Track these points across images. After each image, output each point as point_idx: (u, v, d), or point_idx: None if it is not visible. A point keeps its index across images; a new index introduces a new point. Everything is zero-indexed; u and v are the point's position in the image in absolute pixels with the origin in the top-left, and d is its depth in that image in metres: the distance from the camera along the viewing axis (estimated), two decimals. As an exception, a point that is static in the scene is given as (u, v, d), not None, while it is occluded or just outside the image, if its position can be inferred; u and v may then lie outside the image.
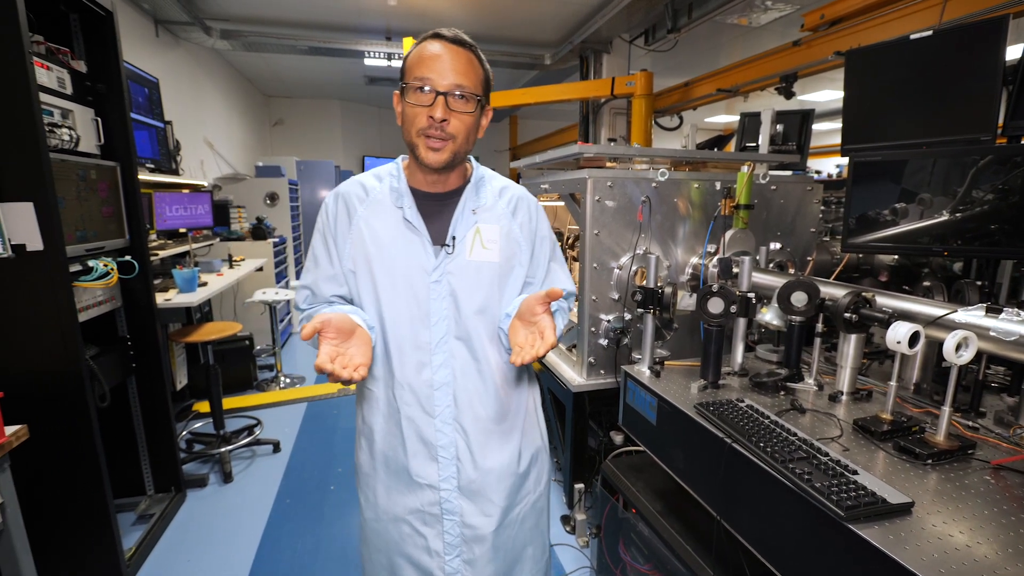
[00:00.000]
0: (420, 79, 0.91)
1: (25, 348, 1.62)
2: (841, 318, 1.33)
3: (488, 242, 1.02)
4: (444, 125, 0.91)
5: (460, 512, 1.05)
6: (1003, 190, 1.43)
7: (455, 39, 0.93)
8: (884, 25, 2.51)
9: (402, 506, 1.06)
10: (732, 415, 1.22)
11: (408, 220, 1.00)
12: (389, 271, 1.00)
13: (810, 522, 0.93)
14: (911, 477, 1.01)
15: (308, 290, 1.07)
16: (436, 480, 1.03)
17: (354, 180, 1.07)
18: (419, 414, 1.02)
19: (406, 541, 1.07)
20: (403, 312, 1.00)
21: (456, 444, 1.03)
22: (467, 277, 1.01)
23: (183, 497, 2.43)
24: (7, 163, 1.53)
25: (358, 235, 1.02)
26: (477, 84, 0.94)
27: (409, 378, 1.02)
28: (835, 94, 6.53)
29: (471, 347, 1.03)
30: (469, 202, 1.03)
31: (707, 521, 1.40)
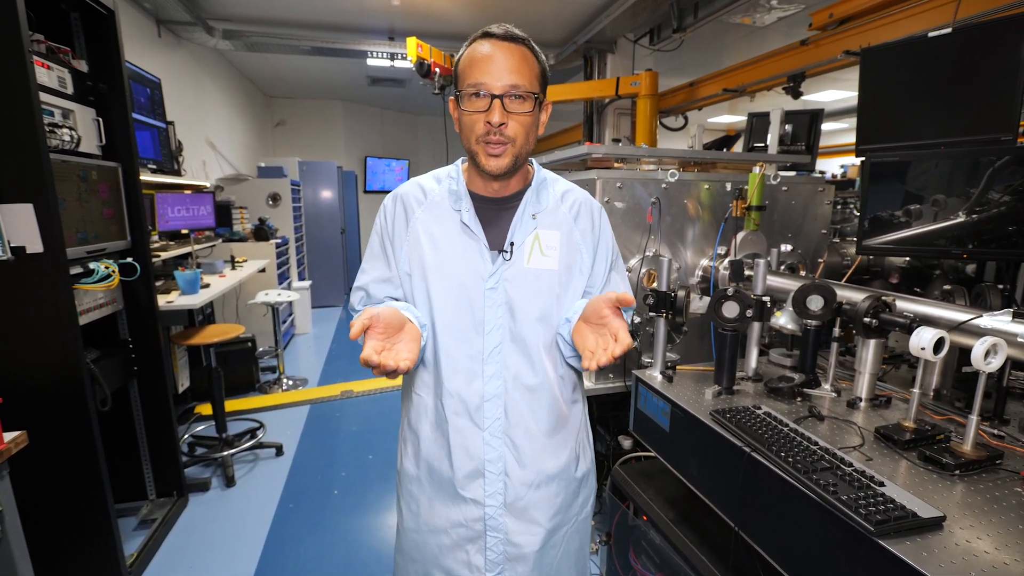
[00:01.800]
0: (474, 84, 0.87)
1: (25, 352, 1.60)
2: (860, 323, 1.30)
3: (548, 249, 0.98)
4: (502, 129, 0.87)
5: (505, 530, 1.00)
6: (1021, 191, 1.39)
7: (506, 35, 0.89)
8: (895, 24, 2.48)
9: (444, 519, 1.01)
10: (750, 423, 1.19)
11: (466, 224, 0.97)
12: (444, 276, 0.97)
13: (836, 536, 0.90)
14: (938, 489, 0.97)
15: (363, 291, 1.04)
16: (482, 496, 0.99)
17: (413, 182, 1.05)
18: (467, 425, 0.98)
19: (446, 554, 1.02)
20: (456, 319, 0.96)
21: (504, 459, 0.99)
22: (524, 285, 0.97)
23: (185, 502, 2.40)
24: (7, 164, 1.50)
25: (415, 238, 0.99)
26: (533, 80, 0.89)
27: (459, 388, 0.97)
28: (839, 94, 6.49)
29: (526, 358, 0.98)
30: (529, 207, 0.99)
31: (722, 531, 1.37)
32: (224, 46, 4.60)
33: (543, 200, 1.00)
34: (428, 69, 4.02)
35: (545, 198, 1.01)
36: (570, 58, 5.16)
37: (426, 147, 9.58)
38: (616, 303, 0.81)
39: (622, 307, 0.81)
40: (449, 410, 0.98)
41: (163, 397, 2.28)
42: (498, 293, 0.96)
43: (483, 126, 0.88)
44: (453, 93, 0.94)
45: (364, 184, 8.52)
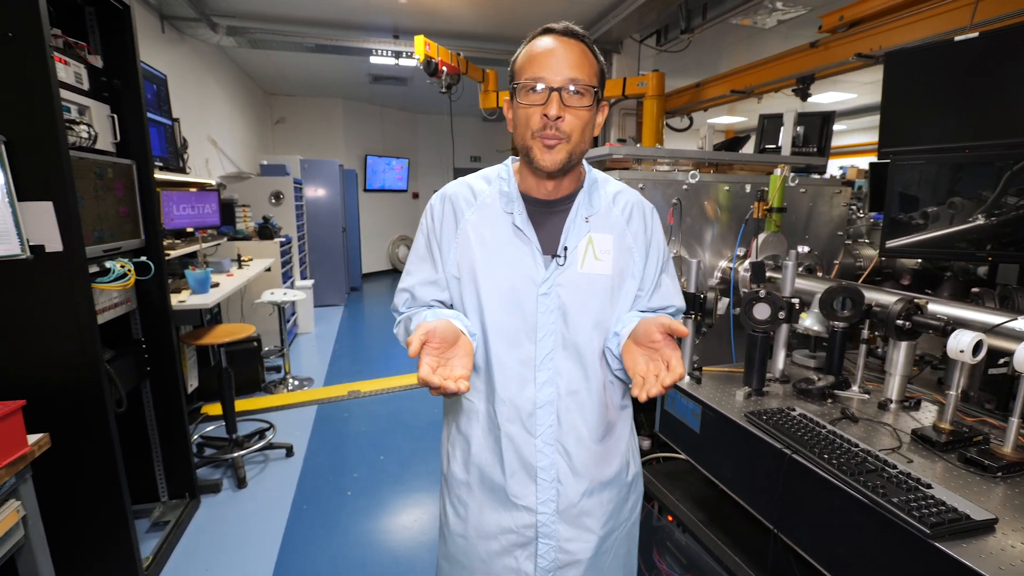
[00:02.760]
0: (532, 77, 0.85)
1: (44, 353, 1.57)
2: (893, 325, 1.30)
3: (601, 253, 0.95)
4: (559, 123, 0.85)
5: (557, 537, 0.98)
6: None
7: (566, 31, 0.87)
8: (908, 27, 2.49)
9: (495, 524, 1.00)
10: (787, 424, 1.19)
11: (518, 227, 0.94)
12: (495, 281, 0.94)
13: (888, 539, 0.90)
14: (982, 491, 0.98)
15: (408, 293, 1.02)
16: (534, 503, 0.97)
17: (461, 182, 1.02)
18: (519, 432, 0.96)
19: (494, 560, 1.01)
20: (508, 325, 0.94)
21: (557, 466, 0.97)
22: (578, 290, 0.94)
23: (197, 503, 2.38)
24: (26, 161, 1.47)
25: (464, 240, 0.96)
26: (592, 77, 0.87)
27: (511, 394, 0.95)
28: (840, 96, 6.53)
29: (579, 364, 0.96)
30: (582, 209, 0.96)
31: (756, 533, 1.37)
32: (227, 43, 4.55)
33: (595, 202, 0.98)
34: (435, 67, 4.01)
35: (597, 200, 0.99)
36: (575, 58, 5.16)
37: (426, 146, 9.56)
38: (669, 331, 0.78)
39: (676, 335, 0.78)
40: (502, 416, 0.96)
41: (176, 398, 2.25)
42: (551, 299, 0.94)
43: (539, 119, 0.85)
44: (510, 89, 0.91)
45: (364, 183, 8.48)
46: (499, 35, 4.97)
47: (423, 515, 2.37)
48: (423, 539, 2.20)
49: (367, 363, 4.47)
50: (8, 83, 1.43)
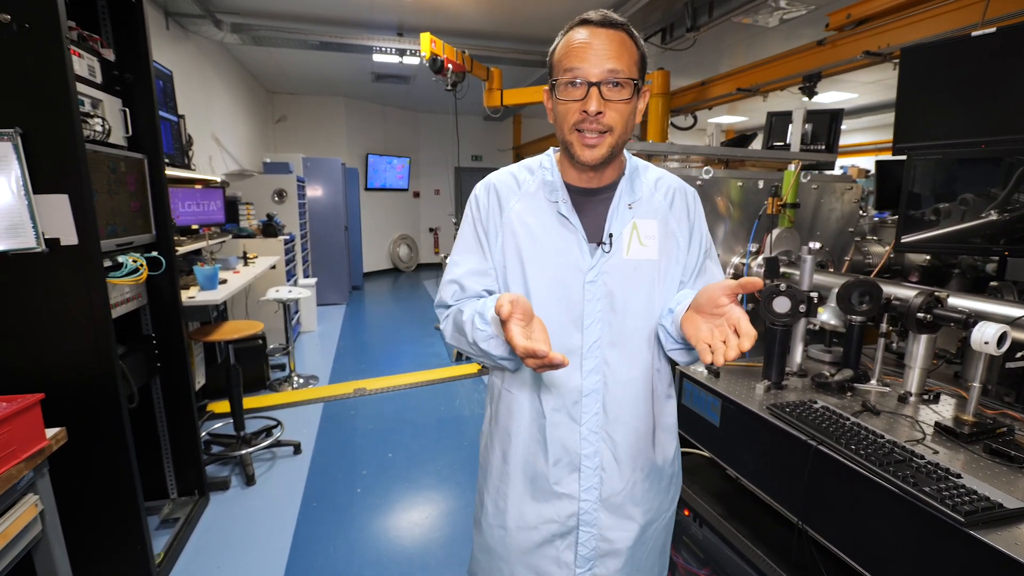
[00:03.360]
0: (570, 70, 0.84)
1: (58, 347, 1.56)
2: (914, 318, 1.30)
3: (646, 238, 0.95)
4: (600, 117, 0.84)
5: (599, 525, 0.98)
6: None
7: (603, 20, 0.85)
8: (916, 24, 2.50)
9: (536, 515, 1.00)
10: (811, 417, 1.19)
11: (563, 215, 0.94)
12: (542, 269, 0.94)
13: (920, 528, 0.90)
14: (1010, 480, 0.98)
15: (456, 285, 1.00)
16: (576, 491, 0.97)
17: (505, 171, 1.02)
18: (565, 421, 0.96)
19: (535, 551, 1.01)
20: (555, 313, 0.93)
21: (601, 454, 0.97)
22: (624, 277, 0.94)
23: (206, 501, 2.37)
24: (42, 153, 1.47)
25: (510, 229, 0.96)
26: (632, 66, 0.85)
27: (558, 383, 0.95)
28: (842, 95, 6.55)
29: (625, 352, 0.95)
30: (625, 196, 0.96)
31: (776, 526, 1.38)
32: (231, 40, 4.54)
33: (637, 189, 0.97)
34: (441, 65, 4.00)
35: (639, 186, 0.98)
36: (579, 56, 5.16)
37: (428, 144, 9.55)
38: (738, 290, 0.73)
39: (747, 291, 0.73)
40: (547, 406, 0.96)
41: (185, 394, 2.24)
42: (598, 286, 0.93)
43: (579, 114, 0.85)
44: (548, 83, 0.91)
45: (366, 181, 8.47)
46: (504, 33, 4.97)
47: (434, 512, 2.36)
48: (435, 535, 2.20)
49: (371, 361, 4.46)
50: (24, 75, 1.42)
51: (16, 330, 1.52)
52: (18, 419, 1.21)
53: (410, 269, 9.66)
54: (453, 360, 4.46)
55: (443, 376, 4.10)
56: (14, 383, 1.51)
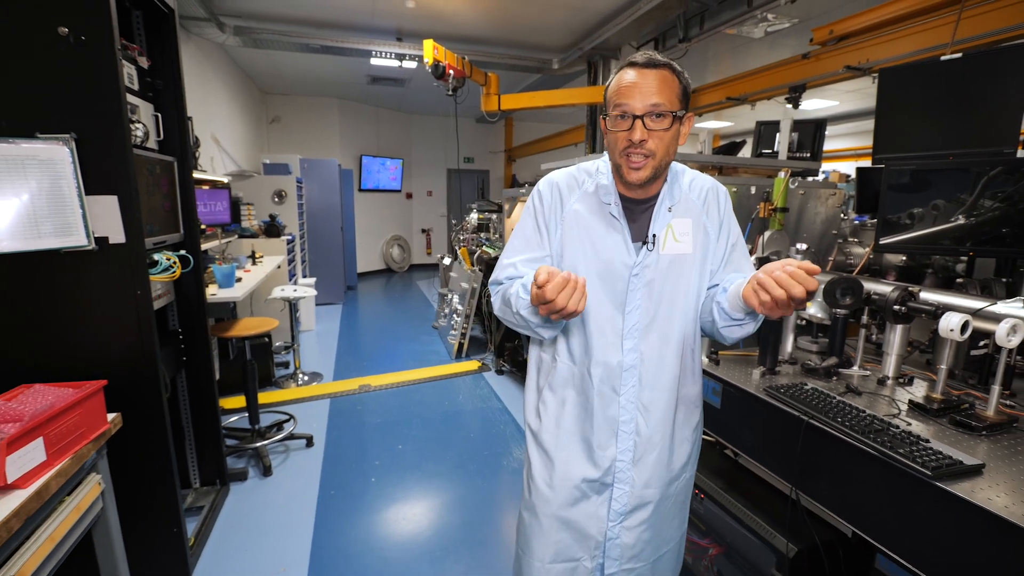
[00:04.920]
0: (619, 106, 0.99)
1: (106, 340, 1.65)
2: (891, 310, 1.48)
3: (680, 235, 1.09)
4: (643, 144, 0.99)
5: (630, 482, 1.14)
6: (1011, 198, 1.58)
7: (647, 63, 1.00)
8: (894, 42, 2.71)
9: (579, 475, 1.15)
10: (803, 396, 1.35)
11: (614, 216, 1.09)
12: (594, 260, 1.09)
13: (895, 483, 1.06)
14: (970, 445, 1.15)
15: (513, 267, 1.14)
16: (614, 453, 1.13)
17: (565, 171, 1.17)
18: (609, 392, 1.11)
19: (574, 507, 1.16)
20: (603, 300, 1.09)
21: (636, 421, 1.12)
22: (662, 270, 1.09)
23: (227, 490, 2.46)
24: (93, 156, 1.56)
25: (569, 222, 1.11)
26: (673, 99, 0.99)
27: (605, 359, 1.10)
28: (823, 103, 6.83)
29: (660, 334, 1.10)
30: (666, 200, 1.10)
31: (770, 497, 1.54)
32: (233, 43, 4.60)
33: (676, 193, 1.11)
34: (443, 71, 4.13)
35: (676, 190, 1.11)
36: (574, 63, 5.33)
37: (420, 146, 9.65)
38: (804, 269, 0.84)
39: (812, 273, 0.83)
40: (596, 378, 1.12)
41: (209, 387, 2.33)
42: (640, 279, 1.08)
43: (626, 142, 1.00)
44: (603, 115, 1.07)
45: (359, 182, 8.54)
46: (502, 39, 5.11)
47: (448, 497, 2.49)
48: (451, 518, 2.32)
49: (372, 359, 4.55)
50: (80, 83, 1.52)
51: (69, 323, 1.61)
52: (87, 403, 1.32)
53: (403, 269, 9.74)
54: (453, 357, 4.58)
55: (445, 373, 4.22)
56: (66, 373, 1.60)
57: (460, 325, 4.60)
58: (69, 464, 1.23)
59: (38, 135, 1.49)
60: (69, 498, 1.27)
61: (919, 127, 1.84)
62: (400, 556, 2.08)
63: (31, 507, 1.09)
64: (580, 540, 1.18)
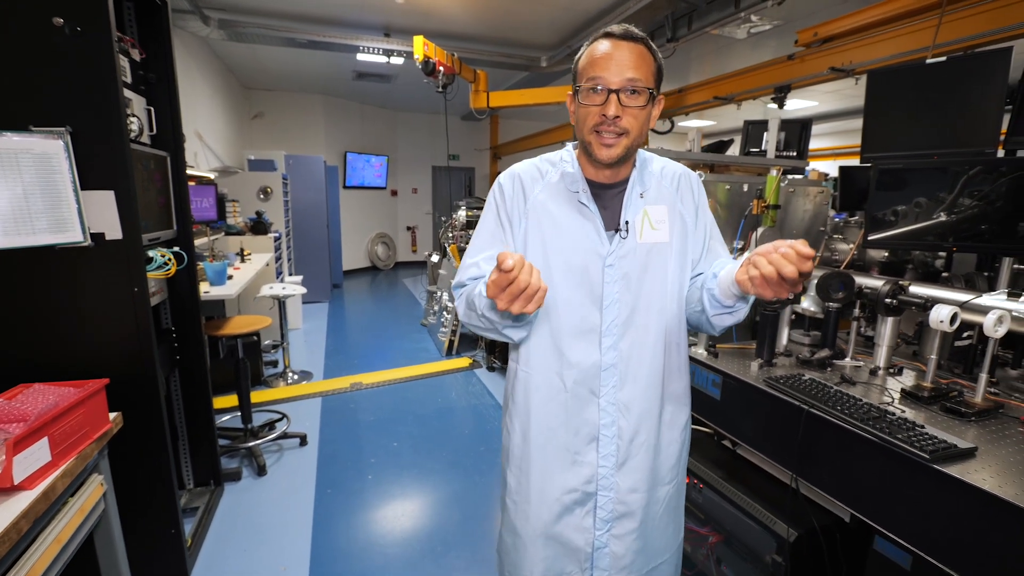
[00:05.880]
0: (592, 78, 0.92)
1: (103, 338, 1.62)
2: (882, 303, 1.54)
3: (657, 223, 1.03)
4: (617, 121, 0.92)
5: (616, 488, 1.06)
6: (989, 196, 1.65)
7: (624, 34, 0.93)
8: (877, 44, 2.80)
9: (559, 486, 1.07)
10: (802, 387, 1.40)
11: (583, 203, 1.02)
12: (564, 255, 1.02)
13: (894, 467, 1.11)
14: (961, 431, 1.21)
15: (475, 267, 1.05)
16: (595, 458, 1.05)
17: (528, 163, 1.09)
18: (585, 393, 1.04)
19: (557, 522, 1.08)
20: (577, 295, 1.01)
21: (618, 424, 1.05)
22: (639, 260, 1.02)
23: (222, 491, 2.43)
24: (89, 151, 1.53)
25: (534, 215, 1.03)
26: (649, 76, 0.93)
27: (579, 359, 1.03)
28: (804, 103, 6.99)
29: (641, 330, 1.03)
30: (636, 186, 1.03)
31: (769, 485, 1.59)
32: (217, 36, 4.51)
33: (646, 178, 1.05)
34: (433, 67, 4.12)
35: (647, 176, 1.06)
36: (562, 61, 5.36)
37: (405, 144, 9.58)
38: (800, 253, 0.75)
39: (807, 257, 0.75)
40: (569, 380, 1.04)
41: (203, 386, 2.30)
42: (615, 270, 1.01)
43: (598, 117, 0.92)
44: (573, 89, 0.99)
45: (344, 179, 8.44)
46: (492, 37, 5.11)
47: (446, 494, 2.50)
48: (449, 514, 2.33)
49: (362, 357, 4.53)
50: (75, 76, 1.49)
51: (65, 321, 1.57)
52: (90, 402, 1.30)
53: (388, 267, 9.67)
54: (444, 355, 4.58)
55: (436, 370, 4.22)
56: (63, 372, 1.57)
57: (450, 322, 4.60)
58: (74, 464, 1.21)
59: (32, 128, 1.45)
60: (73, 499, 1.25)
61: (906, 127, 1.91)
62: (402, 553, 2.08)
63: (39, 508, 1.07)
64: (568, 553, 1.10)
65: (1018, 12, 2.21)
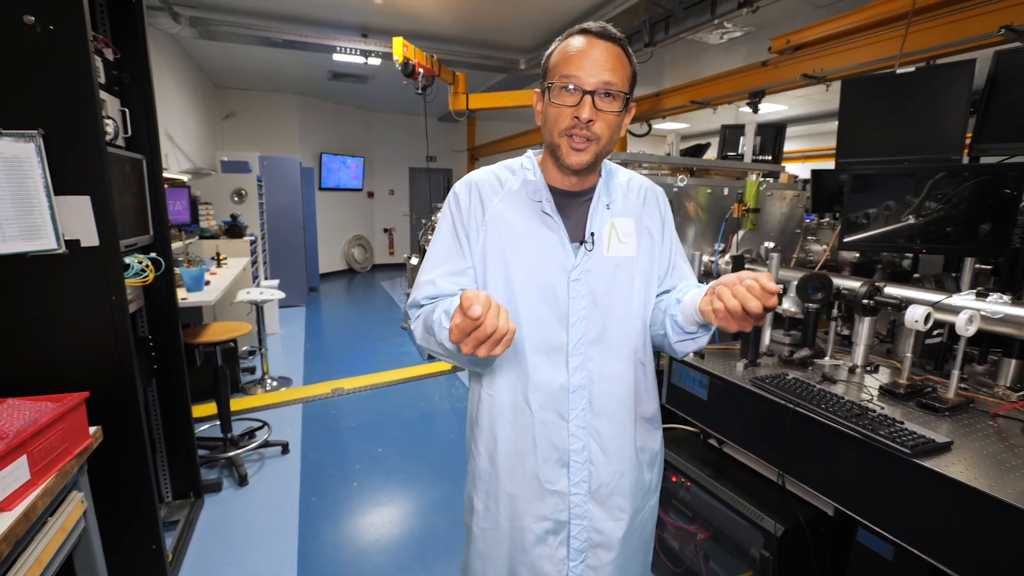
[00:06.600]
0: (566, 76, 0.85)
1: (82, 349, 1.56)
2: (859, 304, 1.60)
3: (624, 236, 0.98)
4: (590, 126, 0.86)
5: (589, 517, 1.00)
6: (952, 200, 1.73)
7: (602, 32, 0.87)
8: (847, 52, 2.90)
9: (529, 514, 1.00)
10: (787, 386, 1.45)
11: (547, 213, 0.95)
12: (526, 268, 0.95)
13: (878, 462, 1.16)
14: (937, 425, 1.27)
15: (431, 284, 0.97)
16: (567, 486, 0.98)
17: (486, 170, 1.02)
18: (553, 418, 0.97)
19: (529, 550, 1.01)
20: (541, 312, 0.95)
21: (589, 448, 0.98)
22: (606, 274, 0.96)
23: (202, 503, 2.36)
24: (63, 154, 1.47)
25: (493, 227, 0.96)
26: (625, 81, 0.87)
27: (545, 380, 0.96)
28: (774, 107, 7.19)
29: (610, 348, 0.97)
30: (602, 197, 0.98)
31: (755, 482, 1.64)
32: (187, 34, 4.38)
33: (612, 190, 1.00)
34: (413, 69, 4.09)
35: (614, 187, 1.01)
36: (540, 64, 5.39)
37: (382, 145, 9.48)
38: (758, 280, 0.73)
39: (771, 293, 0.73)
40: (535, 403, 0.97)
41: (181, 396, 2.23)
42: (581, 284, 0.95)
43: (570, 120, 0.86)
44: (541, 86, 0.92)
45: (320, 181, 8.30)
46: (470, 39, 5.10)
47: (434, 498, 2.48)
48: (437, 518, 2.32)
49: (343, 361, 4.46)
50: (48, 76, 1.43)
51: (40, 332, 1.51)
52: (69, 417, 1.25)
53: (365, 270, 9.55)
54: (425, 358, 4.54)
55: (418, 374, 4.19)
56: (38, 385, 1.50)
57: (433, 325, 4.57)
58: (54, 482, 1.16)
59: (2, 131, 1.39)
60: (52, 518, 1.20)
61: (878, 134, 1.99)
62: (392, 560, 2.06)
63: (19, 530, 1.03)
64: None
65: (977, 25, 2.33)
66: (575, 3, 4.16)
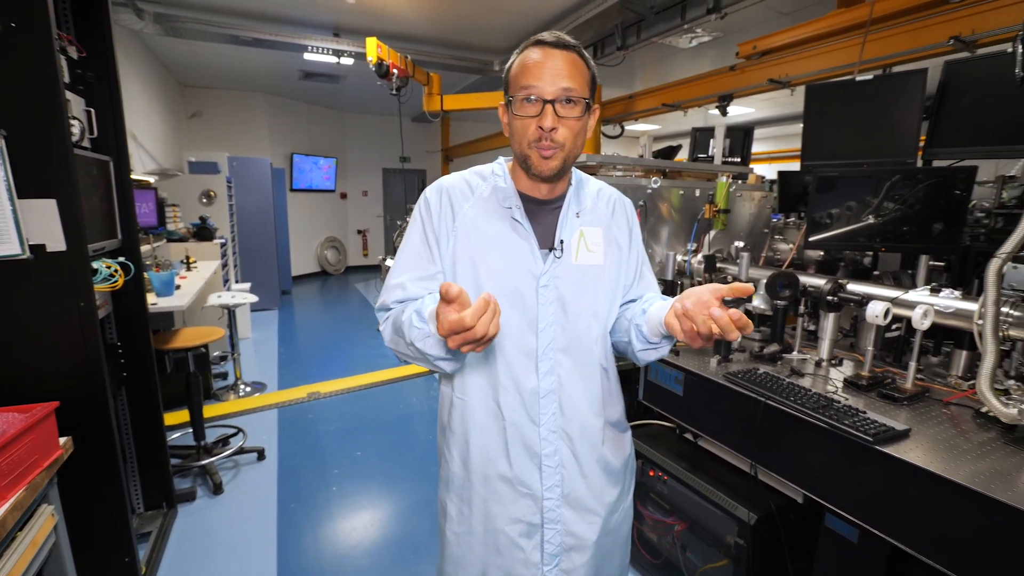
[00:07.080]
0: (526, 88, 0.88)
1: (49, 358, 1.51)
2: (824, 300, 1.68)
3: (593, 245, 1.01)
4: (553, 134, 0.88)
5: (563, 521, 1.01)
6: (908, 200, 1.83)
7: (557, 42, 0.89)
8: (810, 59, 3.03)
9: (502, 517, 1.01)
10: (758, 380, 1.51)
11: (516, 220, 0.97)
12: (496, 274, 0.96)
13: (844, 450, 1.23)
14: (896, 414, 1.35)
15: (400, 288, 0.98)
16: (539, 489, 0.99)
17: (457, 176, 1.04)
18: (524, 422, 0.98)
19: (503, 553, 1.02)
20: (511, 318, 0.95)
21: (560, 452, 0.99)
22: (574, 281, 0.98)
23: (175, 513, 2.30)
24: (27, 157, 1.42)
25: (464, 233, 0.97)
26: (584, 85, 0.89)
27: (516, 385, 0.97)
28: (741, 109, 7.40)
29: (579, 353, 0.99)
30: (572, 205, 1.01)
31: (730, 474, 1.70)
32: (152, 31, 4.25)
33: (582, 199, 1.03)
34: (387, 70, 4.06)
35: (584, 197, 1.03)
36: (515, 66, 5.42)
37: (354, 145, 9.36)
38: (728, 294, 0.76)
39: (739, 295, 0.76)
40: (506, 408, 0.98)
41: (153, 405, 2.17)
42: (550, 291, 0.97)
43: (535, 131, 0.89)
44: (505, 99, 0.94)
45: (291, 182, 8.14)
46: (444, 40, 5.10)
47: (414, 499, 2.48)
48: (419, 519, 2.31)
49: (318, 366, 4.39)
50: (9, 76, 1.38)
51: (5, 340, 1.45)
52: (39, 428, 1.21)
53: (339, 272, 9.41)
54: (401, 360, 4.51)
55: (395, 376, 4.16)
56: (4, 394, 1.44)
57: (410, 327, 4.55)
58: (24, 496, 1.12)
59: (-40, 133, 1.33)
60: (22, 533, 1.16)
61: (839, 138, 2.09)
62: (374, 563, 2.06)
63: (-11, 545, 0.99)
64: None
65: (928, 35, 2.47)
66: (549, 6, 4.20)
